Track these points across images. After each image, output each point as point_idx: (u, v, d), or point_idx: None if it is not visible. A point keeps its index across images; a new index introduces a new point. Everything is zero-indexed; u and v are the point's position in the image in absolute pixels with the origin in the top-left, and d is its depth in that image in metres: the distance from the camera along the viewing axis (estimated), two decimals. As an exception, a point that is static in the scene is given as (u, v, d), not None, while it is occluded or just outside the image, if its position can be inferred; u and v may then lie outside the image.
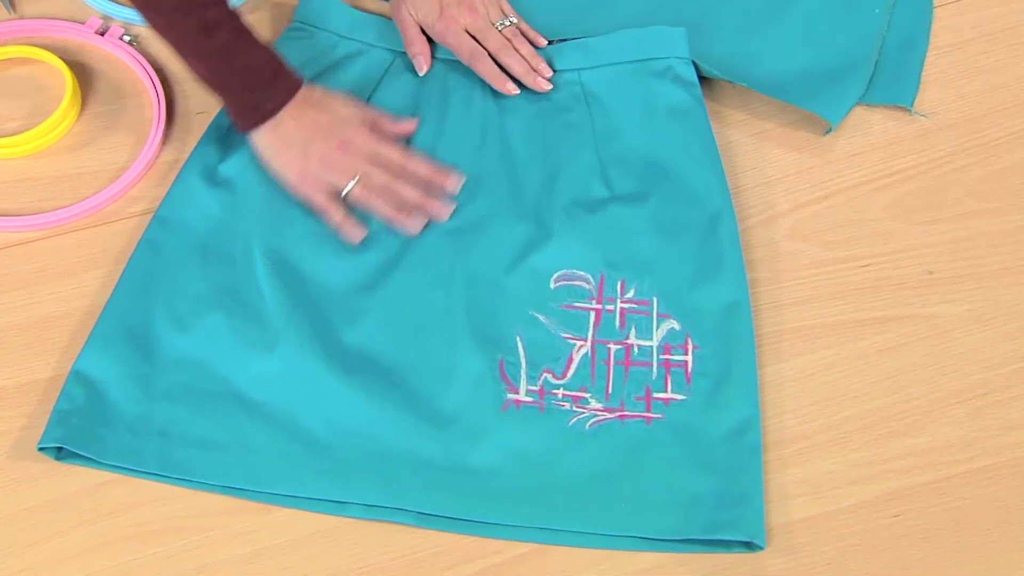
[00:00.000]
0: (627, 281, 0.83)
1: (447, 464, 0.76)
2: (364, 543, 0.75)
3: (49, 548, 0.74)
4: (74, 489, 0.76)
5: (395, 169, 0.86)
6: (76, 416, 0.76)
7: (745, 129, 0.94)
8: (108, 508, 0.75)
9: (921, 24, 1.00)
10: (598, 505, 0.75)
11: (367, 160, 0.85)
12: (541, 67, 0.93)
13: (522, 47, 0.93)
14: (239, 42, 0.82)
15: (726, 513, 0.74)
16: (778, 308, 0.85)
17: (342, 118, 0.85)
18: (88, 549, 0.74)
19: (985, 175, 0.92)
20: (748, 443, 0.77)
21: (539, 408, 0.78)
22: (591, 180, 0.88)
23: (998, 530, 0.76)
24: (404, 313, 0.81)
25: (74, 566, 0.73)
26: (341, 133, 0.85)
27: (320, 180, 0.84)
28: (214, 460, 0.75)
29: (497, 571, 0.74)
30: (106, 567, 0.73)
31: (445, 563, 0.74)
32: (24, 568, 0.73)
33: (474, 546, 0.75)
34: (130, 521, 0.75)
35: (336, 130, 0.85)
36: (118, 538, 0.74)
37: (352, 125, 0.85)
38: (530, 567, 0.74)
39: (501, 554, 0.74)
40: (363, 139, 0.85)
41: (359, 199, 0.84)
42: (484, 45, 0.93)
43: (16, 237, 0.87)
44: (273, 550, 0.74)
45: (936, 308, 0.85)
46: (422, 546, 0.74)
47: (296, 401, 0.77)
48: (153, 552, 0.74)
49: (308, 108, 0.84)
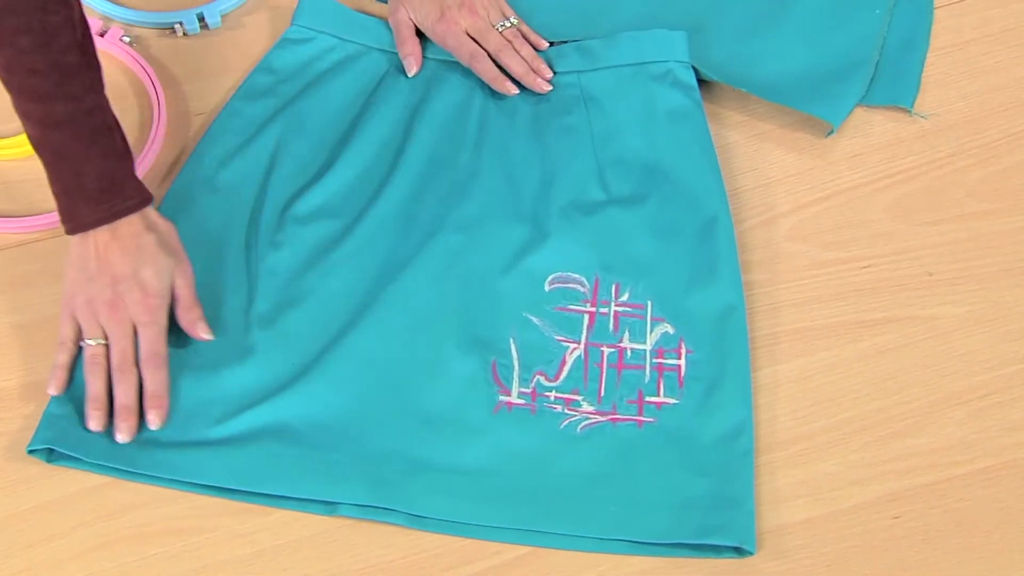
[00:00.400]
0: (622, 284, 0.83)
1: (438, 465, 0.76)
2: (364, 544, 0.74)
3: (49, 549, 0.74)
4: (74, 490, 0.76)
5: None
6: (65, 419, 0.76)
7: (745, 130, 0.94)
8: (108, 509, 0.75)
9: (922, 25, 1.00)
10: (588, 508, 0.75)
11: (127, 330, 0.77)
12: (541, 68, 0.93)
13: (522, 48, 0.93)
14: (82, 146, 0.75)
15: (716, 518, 0.74)
16: (778, 309, 0.85)
17: (135, 273, 0.77)
18: (88, 550, 0.74)
19: (986, 176, 0.92)
20: (740, 447, 0.77)
21: (531, 410, 0.78)
22: (588, 183, 0.88)
23: (998, 531, 0.76)
24: (397, 314, 0.81)
25: (74, 567, 0.73)
26: (120, 287, 0.77)
27: (71, 317, 0.78)
28: (202, 461, 0.75)
29: (496, 572, 0.74)
30: (106, 568, 0.73)
31: (445, 564, 0.74)
32: (24, 569, 0.73)
33: (474, 547, 0.75)
34: (130, 522, 0.75)
35: (119, 282, 0.77)
36: (118, 539, 0.74)
37: (133, 291, 0.77)
38: (529, 568, 0.74)
39: (500, 555, 0.74)
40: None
41: (91, 360, 0.77)
42: (484, 46, 0.93)
43: (16, 237, 0.87)
44: (273, 551, 0.74)
45: (936, 309, 0.85)
46: (422, 547, 0.74)
47: (286, 402, 0.77)
48: (153, 553, 0.74)
49: (117, 242, 0.77)
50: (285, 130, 0.90)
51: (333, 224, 0.86)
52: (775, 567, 0.74)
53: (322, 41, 0.95)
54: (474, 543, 0.75)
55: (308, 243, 0.85)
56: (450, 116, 0.92)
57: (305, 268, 0.83)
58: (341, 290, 0.83)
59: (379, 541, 0.75)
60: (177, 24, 0.98)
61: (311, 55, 0.94)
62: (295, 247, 0.84)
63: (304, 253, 0.84)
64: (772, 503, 0.76)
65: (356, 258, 0.84)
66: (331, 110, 0.92)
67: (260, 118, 0.91)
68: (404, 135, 0.90)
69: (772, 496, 0.77)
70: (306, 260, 0.84)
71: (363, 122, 0.91)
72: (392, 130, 0.91)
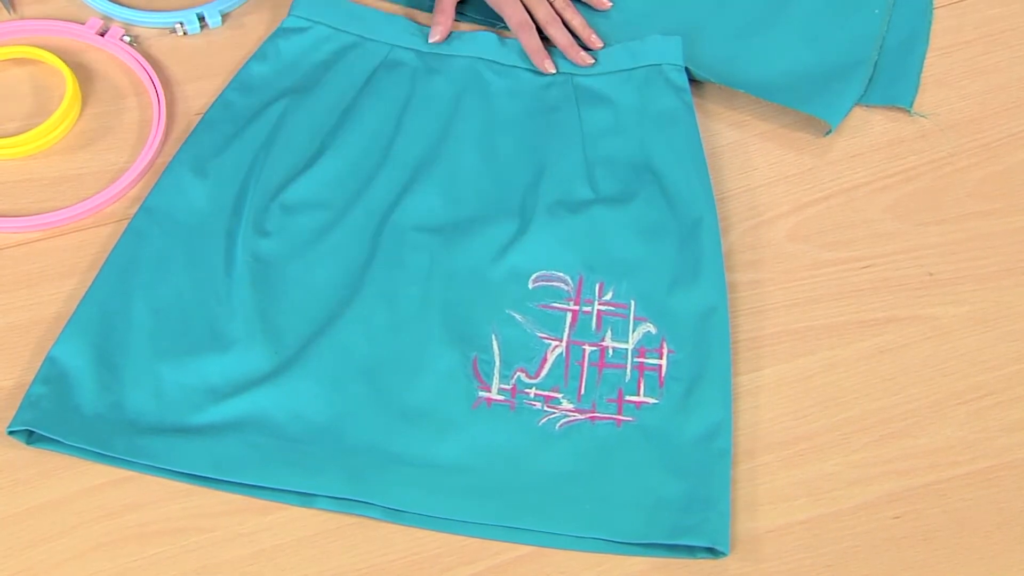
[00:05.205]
0: (605, 283, 0.83)
1: (415, 459, 0.76)
2: (364, 544, 0.74)
3: (49, 549, 0.74)
4: (74, 490, 0.76)
5: None
6: (46, 399, 0.76)
7: (745, 130, 0.94)
8: (108, 509, 0.75)
9: (921, 25, 1.00)
10: (563, 505, 0.75)
11: None
12: (592, 38, 0.95)
13: (573, 18, 0.95)
14: None
15: (690, 518, 0.74)
16: (778, 309, 0.85)
17: None
18: (88, 550, 0.74)
19: (986, 176, 0.92)
20: (716, 448, 0.76)
21: (510, 407, 0.78)
22: (576, 181, 0.88)
23: (999, 532, 0.76)
24: (380, 309, 0.81)
25: (74, 567, 0.73)
26: None
27: None
28: (181, 448, 0.75)
29: (496, 572, 0.74)
30: (106, 568, 0.73)
31: (445, 564, 0.74)
32: (24, 569, 0.73)
33: (474, 548, 0.74)
34: (130, 522, 0.75)
35: None
36: (118, 539, 0.74)
37: None
38: (529, 568, 0.74)
39: (500, 556, 0.74)
40: None
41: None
42: (533, 15, 0.94)
43: (16, 237, 0.87)
44: (273, 551, 0.74)
45: (937, 309, 0.85)
46: (422, 547, 0.74)
47: (266, 393, 0.77)
48: (153, 553, 0.74)
49: None
50: (278, 119, 0.90)
51: (320, 215, 0.86)
52: (775, 567, 0.74)
53: (318, 31, 0.95)
54: (475, 543, 0.75)
55: (295, 233, 0.85)
56: (440, 111, 0.92)
57: (291, 258, 0.83)
58: (326, 281, 0.83)
59: (379, 541, 0.75)
60: (177, 24, 0.98)
61: (306, 45, 0.94)
62: (282, 236, 0.84)
63: (290, 243, 0.84)
64: (772, 503, 0.76)
65: (341, 250, 0.84)
66: (323, 100, 0.92)
67: (253, 107, 0.91)
68: (394, 128, 0.90)
69: (772, 496, 0.77)
70: (292, 250, 0.84)
71: (354, 113, 0.91)
72: (382, 122, 0.91)
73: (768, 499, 0.76)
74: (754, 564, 0.74)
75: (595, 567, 0.74)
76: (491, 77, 0.94)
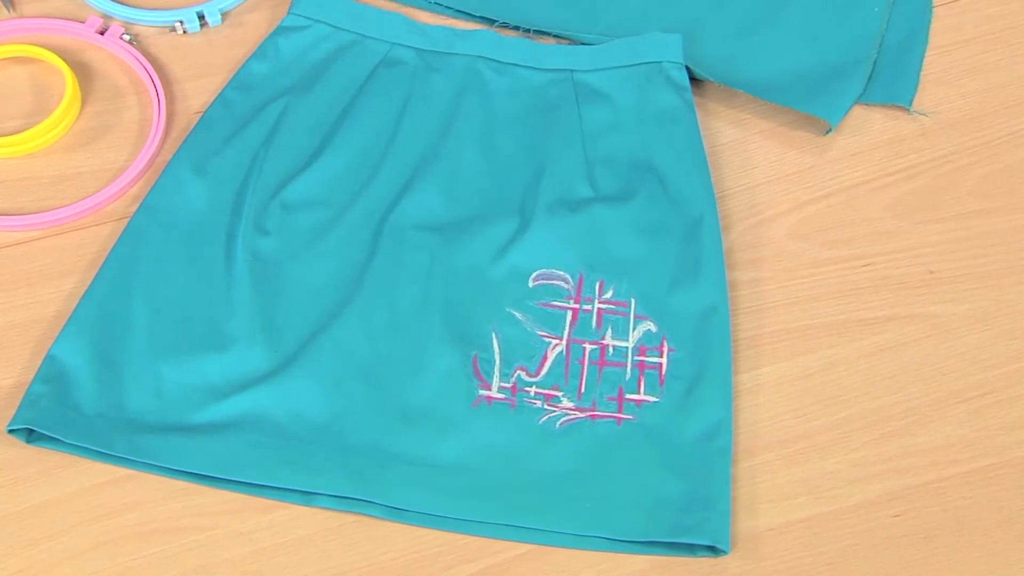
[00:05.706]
0: (606, 282, 0.83)
1: (414, 458, 0.76)
2: (365, 543, 0.74)
3: (49, 547, 0.74)
4: (74, 488, 0.76)
5: None
6: (46, 398, 0.76)
7: (745, 128, 0.94)
8: (108, 508, 0.75)
9: (920, 23, 1.00)
10: (563, 504, 0.75)
11: None
12: None
13: None
14: None
15: (691, 516, 0.74)
16: (778, 307, 0.85)
17: None
18: (88, 548, 0.74)
19: (986, 174, 0.92)
20: (717, 447, 0.76)
21: (510, 405, 0.78)
22: (577, 180, 0.88)
23: (999, 530, 0.76)
24: (380, 308, 0.81)
25: (74, 566, 0.73)
26: None
27: None
28: (181, 447, 0.75)
29: (497, 571, 0.74)
30: (105, 567, 0.73)
31: (446, 563, 0.74)
32: (24, 567, 0.73)
33: (474, 547, 0.75)
34: (130, 521, 0.75)
35: None
36: (118, 537, 0.74)
37: None
38: (529, 568, 0.74)
39: (501, 554, 0.74)
40: None
41: None
42: None
43: (16, 237, 0.87)
44: (273, 550, 0.74)
45: (937, 307, 0.85)
46: (422, 546, 0.74)
47: (267, 392, 0.77)
48: (153, 551, 0.74)
49: None
50: (278, 118, 0.90)
51: (320, 213, 0.86)
52: (775, 565, 0.74)
53: (317, 30, 0.95)
54: (476, 542, 0.75)
55: (295, 231, 0.85)
56: (440, 109, 0.92)
57: (291, 257, 0.83)
58: (326, 280, 0.83)
59: (379, 540, 0.75)
60: (177, 22, 0.98)
61: (306, 44, 0.94)
62: (282, 235, 0.84)
63: (290, 241, 0.84)
64: (772, 502, 0.76)
65: (342, 249, 0.84)
66: (323, 99, 0.92)
67: (253, 106, 0.91)
68: (394, 126, 0.90)
69: (772, 495, 0.77)
70: (292, 249, 0.84)
71: (354, 112, 0.91)
72: (382, 121, 0.91)
73: (768, 497, 0.76)
74: (754, 562, 0.74)
75: (596, 566, 0.74)
76: (491, 75, 0.94)
